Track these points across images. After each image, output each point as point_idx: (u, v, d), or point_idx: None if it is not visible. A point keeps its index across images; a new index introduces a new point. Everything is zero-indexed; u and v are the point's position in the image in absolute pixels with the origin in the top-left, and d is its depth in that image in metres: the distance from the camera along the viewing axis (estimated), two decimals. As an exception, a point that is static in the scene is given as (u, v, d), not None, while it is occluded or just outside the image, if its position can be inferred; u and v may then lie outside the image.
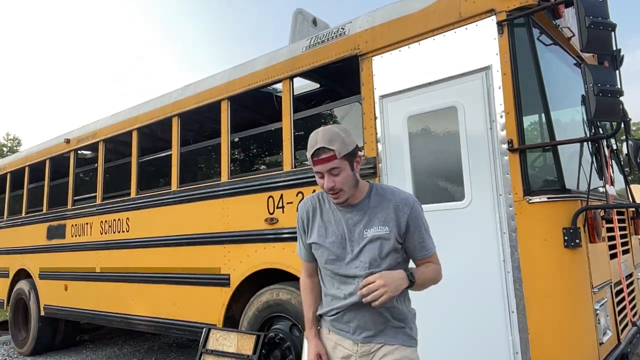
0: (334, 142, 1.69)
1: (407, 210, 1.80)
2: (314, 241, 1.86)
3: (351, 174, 1.75)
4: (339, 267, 1.80)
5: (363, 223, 1.80)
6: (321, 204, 1.90)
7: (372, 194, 1.84)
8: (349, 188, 1.76)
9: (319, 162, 1.71)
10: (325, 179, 1.73)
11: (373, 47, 3.38)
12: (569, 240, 2.59)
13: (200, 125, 5.62)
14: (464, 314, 2.86)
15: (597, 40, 2.41)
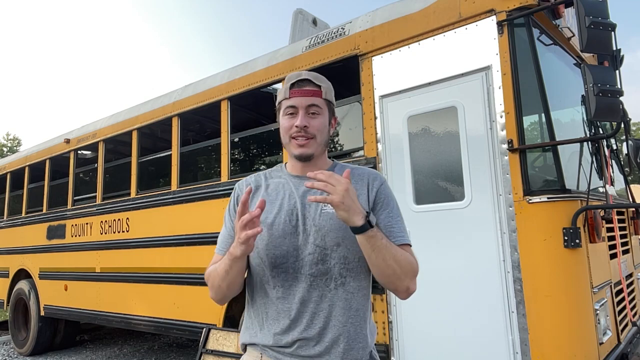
0: (322, 81, 1.46)
1: (377, 184, 1.52)
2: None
3: (327, 126, 1.48)
4: (285, 254, 1.39)
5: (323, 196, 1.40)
6: (267, 179, 1.55)
7: (336, 168, 1.54)
8: (320, 141, 1.46)
9: (299, 93, 1.42)
10: (300, 116, 1.41)
11: (373, 47, 3.38)
12: (569, 240, 2.59)
13: (200, 125, 5.62)
14: (464, 314, 2.86)
15: (597, 40, 2.41)
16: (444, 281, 2.96)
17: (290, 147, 1.46)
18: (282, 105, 1.46)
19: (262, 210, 1.29)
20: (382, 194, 1.50)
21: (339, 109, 4.20)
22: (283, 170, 1.56)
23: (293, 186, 1.49)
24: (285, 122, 1.45)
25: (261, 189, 1.53)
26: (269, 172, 1.59)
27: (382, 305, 3.19)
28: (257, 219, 1.27)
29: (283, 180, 1.52)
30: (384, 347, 3.14)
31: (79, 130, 6.38)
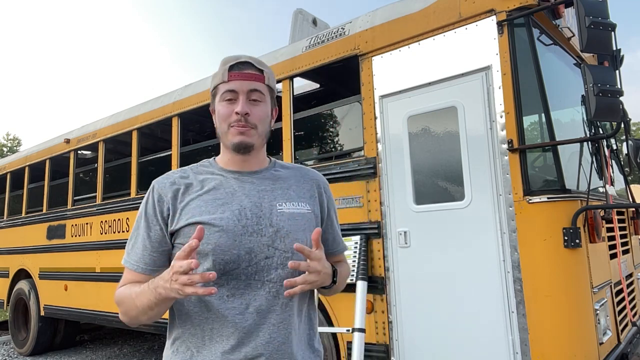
0: (264, 66, 1.31)
1: (328, 190, 1.43)
2: (196, 221, 1.21)
3: (270, 116, 1.33)
4: (236, 259, 1.20)
5: (273, 194, 1.30)
6: (196, 175, 1.32)
7: (277, 165, 1.40)
8: (262, 131, 1.30)
9: (240, 76, 1.26)
10: (241, 102, 1.24)
11: (373, 47, 3.38)
12: (568, 240, 2.59)
13: (200, 125, 5.62)
14: (464, 314, 2.86)
15: (597, 40, 2.41)
16: (444, 281, 2.96)
17: (227, 136, 1.28)
18: (218, 89, 1.28)
19: (199, 240, 1.08)
20: (331, 201, 1.45)
21: (339, 109, 4.21)
22: (213, 165, 1.35)
23: (235, 183, 1.29)
24: (223, 108, 1.26)
25: (193, 187, 1.28)
26: (194, 167, 1.35)
27: (382, 305, 3.19)
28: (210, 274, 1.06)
29: (219, 177, 1.31)
30: (384, 347, 3.15)
31: (79, 130, 6.38)
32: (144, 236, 1.27)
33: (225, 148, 1.33)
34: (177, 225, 1.24)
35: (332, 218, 1.44)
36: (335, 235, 1.45)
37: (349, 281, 3.16)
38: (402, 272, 3.13)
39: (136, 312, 1.20)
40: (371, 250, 3.26)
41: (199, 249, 1.14)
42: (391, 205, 3.21)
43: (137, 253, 1.27)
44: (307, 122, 4.08)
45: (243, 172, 1.32)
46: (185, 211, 1.24)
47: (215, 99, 1.31)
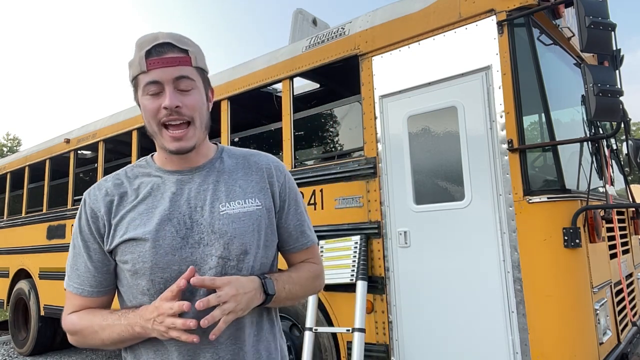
0: (188, 44, 1.11)
1: (281, 176, 1.25)
2: (130, 237, 1.09)
3: (206, 103, 1.15)
4: (177, 275, 1.05)
5: (216, 194, 1.14)
6: (131, 180, 1.17)
7: (224, 155, 1.23)
8: (200, 123, 1.12)
9: (161, 63, 1.05)
10: (168, 94, 1.05)
11: (373, 47, 3.38)
12: (568, 240, 2.59)
13: (200, 125, 5.62)
14: (464, 314, 2.86)
15: (597, 40, 2.41)
16: (443, 281, 2.96)
17: (162, 140, 1.10)
18: (139, 81, 1.09)
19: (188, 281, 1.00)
20: (288, 188, 1.25)
21: (339, 109, 4.21)
22: (151, 164, 1.19)
23: (173, 185, 1.14)
24: (149, 104, 1.07)
25: (127, 197, 1.14)
26: (130, 170, 1.20)
27: (382, 305, 3.19)
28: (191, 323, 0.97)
29: (156, 179, 1.16)
30: (384, 347, 3.15)
31: (79, 130, 6.38)
32: (84, 257, 1.13)
33: (159, 147, 1.17)
34: (111, 245, 1.11)
35: (289, 209, 1.24)
36: (295, 225, 1.25)
37: (349, 281, 3.17)
38: (402, 272, 3.13)
39: (99, 343, 1.10)
40: (371, 250, 3.26)
41: (135, 268, 1.08)
42: (391, 205, 3.21)
43: (79, 275, 1.14)
44: (307, 122, 4.09)
45: (183, 170, 1.16)
46: (120, 227, 1.11)
47: (137, 91, 1.11)
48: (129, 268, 1.09)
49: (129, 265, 1.09)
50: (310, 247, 1.30)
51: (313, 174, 3.60)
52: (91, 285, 1.14)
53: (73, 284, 1.15)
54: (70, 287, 1.15)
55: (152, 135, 1.13)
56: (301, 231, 1.26)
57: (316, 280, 1.29)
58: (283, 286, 1.16)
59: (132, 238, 1.08)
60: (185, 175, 1.16)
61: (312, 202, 3.57)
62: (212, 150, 1.23)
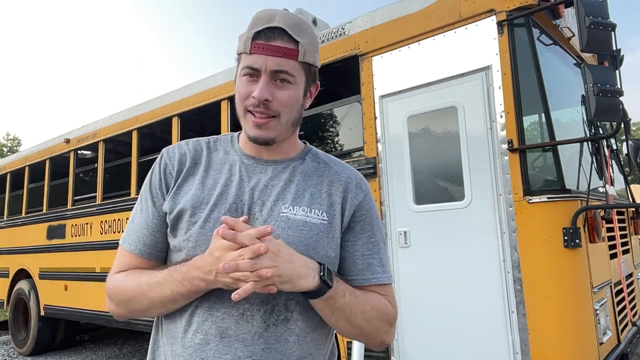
0: (302, 34, 1.02)
1: (361, 194, 1.12)
2: (182, 207, 1.04)
3: (301, 100, 1.07)
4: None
5: (283, 193, 1.06)
6: (210, 151, 1.14)
7: (308, 156, 1.15)
8: (287, 120, 1.05)
9: (265, 49, 0.99)
10: (261, 84, 0.99)
11: (373, 47, 3.38)
12: (568, 240, 2.59)
13: (201, 125, 5.62)
14: (464, 314, 2.86)
15: (597, 40, 2.41)
16: (444, 281, 2.96)
17: (244, 124, 1.06)
18: (241, 59, 1.04)
19: (271, 232, 0.92)
20: (365, 209, 1.10)
21: (339, 109, 4.21)
22: (234, 143, 1.15)
23: (244, 170, 1.08)
24: (242, 86, 1.03)
25: (199, 165, 1.10)
26: (213, 141, 1.17)
27: (382, 305, 3.18)
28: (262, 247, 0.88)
29: (231, 158, 1.11)
30: (384, 347, 3.14)
31: (79, 130, 6.38)
32: (147, 212, 1.08)
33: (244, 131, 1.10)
34: (167, 205, 1.06)
35: (360, 233, 1.09)
36: (367, 256, 1.07)
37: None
38: (402, 272, 3.13)
39: (147, 304, 1.02)
40: (371, 250, 3.25)
41: (180, 244, 1.02)
42: (391, 205, 3.21)
43: (137, 231, 1.08)
44: (307, 122, 4.08)
45: (260, 159, 1.10)
46: (181, 192, 1.06)
47: (238, 67, 1.06)
48: (175, 243, 1.04)
49: (176, 240, 1.04)
50: (379, 286, 1.08)
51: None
52: (146, 243, 1.07)
53: (129, 240, 1.09)
54: (125, 243, 1.09)
55: (239, 117, 1.08)
56: (368, 263, 1.07)
57: (382, 319, 1.04)
58: (343, 292, 0.99)
59: (186, 210, 1.03)
60: (260, 164, 1.09)
61: (312, 202, 3.56)
62: (296, 149, 1.15)
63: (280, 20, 1.00)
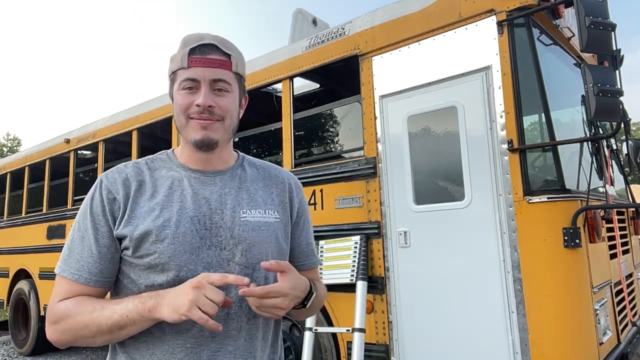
0: (231, 49, 1.13)
1: (300, 193, 1.29)
2: (148, 229, 1.05)
3: (237, 109, 1.17)
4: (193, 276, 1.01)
5: (237, 200, 1.15)
6: (151, 169, 1.16)
7: (245, 163, 1.25)
8: (228, 125, 1.14)
9: (202, 62, 1.08)
10: (203, 93, 1.08)
11: (373, 47, 3.38)
12: (568, 240, 2.59)
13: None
14: (464, 314, 2.86)
15: (597, 40, 2.41)
16: (443, 281, 2.96)
17: (188, 131, 1.11)
18: (177, 76, 1.11)
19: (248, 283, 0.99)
20: (304, 205, 1.30)
21: (339, 109, 4.21)
22: (172, 159, 1.19)
23: (195, 184, 1.13)
24: (182, 98, 1.09)
25: (145, 187, 1.11)
26: (150, 161, 1.18)
27: (382, 305, 3.19)
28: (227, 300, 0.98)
29: (176, 174, 1.15)
30: (384, 347, 3.15)
31: (79, 130, 6.38)
32: (89, 240, 1.07)
33: (185, 143, 1.16)
34: (123, 231, 1.06)
35: (303, 226, 1.28)
36: (307, 244, 1.28)
37: (349, 281, 3.17)
38: (402, 272, 3.13)
39: (94, 330, 1.03)
40: (371, 250, 3.26)
41: (152, 264, 1.04)
42: (391, 205, 3.21)
43: (79, 260, 1.06)
44: (307, 122, 4.09)
45: (206, 171, 1.16)
46: (137, 216, 1.07)
47: (173, 85, 1.13)
48: (144, 262, 1.05)
49: (145, 260, 1.05)
50: (316, 267, 1.33)
51: (313, 174, 3.60)
52: (90, 272, 1.06)
53: (70, 269, 1.06)
54: (66, 272, 1.07)
55: (180, 128, 1.13)
56: (311, 249, 1.29)
57: (323, 299, 1.27)
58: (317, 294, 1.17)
59: (150, 231, 1.05)
60: (207, 176, 1.16)
61: (312, 202, 3.57)
62: (233, 157, 1.24)
63: (210, 38, 1.12)
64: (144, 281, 1.06)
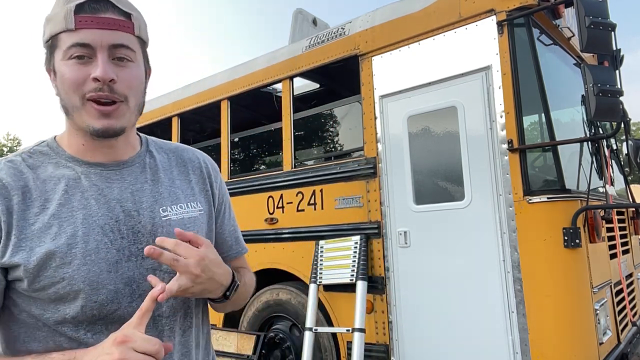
0: (131, 8, 0.89)
1: (218, 176, 1.10)
2: (48, 250, 0.82)
3: (144, 81, 0.94)
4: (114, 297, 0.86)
5: (154, 196, 0.95)
6: (33, 170, 0.88)
7: (151, 147, 1.03)
8: (134, 105, 0.91)
9: (96, 23, 0.83)
10: (101, 64, 0.83)
11: (373, 47, 3.38)
12: (568, 240, 2.59)
13: (200, 125, 5.62)
14: (464, 314, 2.86)
15: (597, 40, 2.41)
16: (443, 281, 2.96)
17: (82, 115, 0.86)
18: (59, 41, 0.85)
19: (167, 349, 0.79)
20: (224, 191, 1.11)
21: (339, 109, 4.21)
22: (58, 152, 0.91)
23: (98, 182, 0.90)
24: (72, 72, 0.84)
25: (31, 194, 0.85)
26: (27, 157, 0.90)
27: (382, 305, 3.19)
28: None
29: (69, 173, 0.89)
30: (384, 347, 3.15)
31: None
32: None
33: (75, 129, 0.90)
34: (15, 257, 0.81)
35: (224, 213, 1.09)
36: (231, 231, 1.10)
37: (349, 281, 3.17)
38: (402, 272, 3.13)
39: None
40: (371, 250, 3.26)
41: (60, 294, 0.81)
42: (391, 205, 3.21)
43: None
44: (307, 122, 4.09)
45: (108, 164, 0.92)
46: (28, 236, 0.82)
47: (54, 54, 0.87)
48: (48, 294, 0.82)
49: (49, 291, 0.81)
50: (242, 256, 1.15)
51: (313, 174, 3.60)
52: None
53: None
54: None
55: (69, 110, 0.87)
56: (236, 237, 1.12)
57: (251, 288, 1.11)
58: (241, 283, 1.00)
59: (52, 253, 0.81)
60: (110, 170, 0.92)
61: (312, 202, 3.57)
62: (137, 140, 1.02)
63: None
64: (50, 315, 0.83)
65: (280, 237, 3.71)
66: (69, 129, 0.92)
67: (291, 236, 3.62)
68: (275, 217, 3.76)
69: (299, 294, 3.55)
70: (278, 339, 3.67)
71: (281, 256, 3.69)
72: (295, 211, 3.65)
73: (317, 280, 3.34)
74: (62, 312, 0.83)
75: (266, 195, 3.83)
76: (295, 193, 3.66)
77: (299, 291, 3.56)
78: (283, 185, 3.74)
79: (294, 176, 3.69)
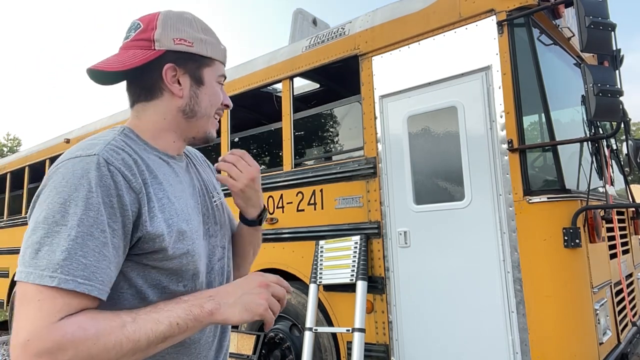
0: None
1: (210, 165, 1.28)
2: (179, 228, 0.92)
3: None
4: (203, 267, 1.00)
5: (206, 184, 1.13)
6: (141, 155, 0.93)
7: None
8: None
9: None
10: (225, 95, 1.11)
11: (373, 47, 3.38)
12: (568, 240, 2.59)
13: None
14: (464, 314, 2.86)
15: (597, 40, 2.41)
16: (443, 281, 2.96)
17: (206, 124, 1.05)
18: (215, 65, 1.07)
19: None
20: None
21: (339, 109, 4.21)
22: (148, 147, 0.98)
23: (179, 170, 1.03)
24: (220, 93, 1.08)
25: (153, 173, 0.93)
26: (124, 143, 0.92)
27: (382, 305, 3.19)
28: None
29: (164, 162, 0.99)
30: (384, 347, 3.15)
31: (79, 130, 6.38)
32: (98, 239, 0.79)
33: (174, 129, 1.02)
34: (157, 228, 0.87)
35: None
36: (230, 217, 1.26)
37: (349, 281, 3.17)
38: (402, 272, 3.13)
39: (128, 349, 0.78)
40: (371, 250, 3.26)
41: (183, 269, 0.92)
42: (391, 205, 3.21)
43: (86, 266, 0.78)
44: (307, 122, 4.09)
45: (176, 157, 1.05)
46: (164, 207, 0.90)
47: (207, 70, 1.04)
48: (173, 265, 0.90)
49: (174, 262, 0.90)
50: None
51: (313, 174, 3.60)
52: (102, 280, 0.79)
53: (73, 277, 0.76)
54: (69, 282, 0.76)
55: (198, 115, 1.02)
56: (232, 216, 1.26)
57: (259, 248, 1.42)
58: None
59: (182, 227, 0.92)
60: (179, 162, 1.06)
61: (312, 202, 3.57)
62: None
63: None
64: (168, 285, 0.91)
65: (280, 237, 3.71)
66: (163, 127, 1.02)
67: (291, 236, 3.62)
68: (275, 217, 3.76)
69: (299, 294, 3.55)
70: (278, 339, 3.67)
71: (281, 256, 3.69)
72: (295, 211, 3.65)
73: (317, 280, 3.34)
74: (174, 286, 0.93)
75: (266, 195, 3.83)
76: (295, 193, 3.66)
77: (299, 291, 3.56)
78: (283, 185, 3.74)
79: (294, 176, 3.69)
